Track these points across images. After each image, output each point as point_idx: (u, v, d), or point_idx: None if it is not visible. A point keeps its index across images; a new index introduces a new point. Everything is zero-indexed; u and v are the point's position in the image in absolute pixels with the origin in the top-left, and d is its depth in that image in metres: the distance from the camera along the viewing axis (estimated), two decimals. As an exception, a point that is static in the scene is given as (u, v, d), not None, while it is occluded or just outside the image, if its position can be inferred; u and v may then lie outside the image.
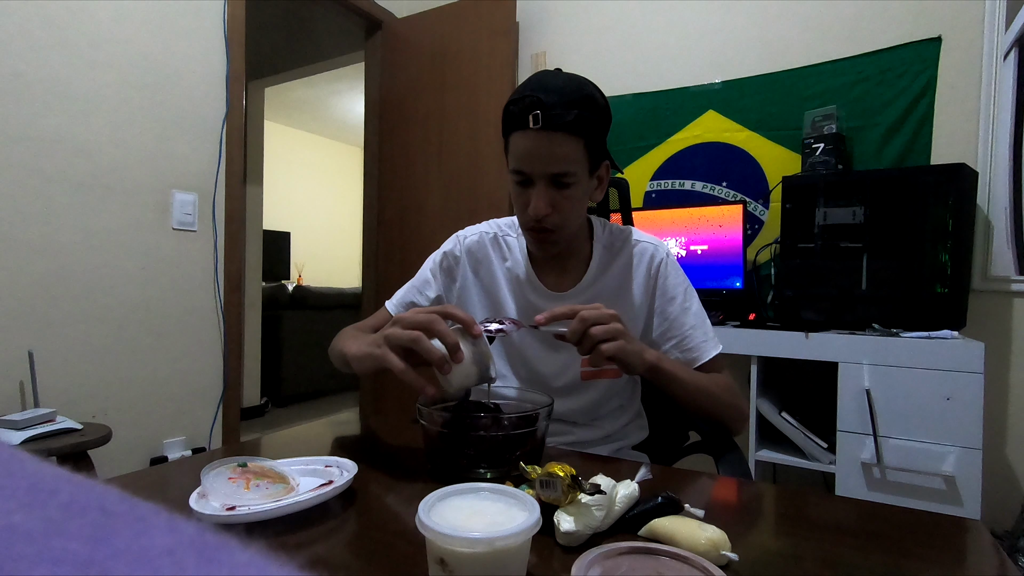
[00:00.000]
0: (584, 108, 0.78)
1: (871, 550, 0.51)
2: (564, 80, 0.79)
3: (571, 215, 0.84)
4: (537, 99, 0.76)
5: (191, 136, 1.95)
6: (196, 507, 0.53)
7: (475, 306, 0.96)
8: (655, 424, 1.04)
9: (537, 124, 0.76)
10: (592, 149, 0.81)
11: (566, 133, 0.77)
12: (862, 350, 1.56)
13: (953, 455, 1.44)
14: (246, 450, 0.83)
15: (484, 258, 0.97)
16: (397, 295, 1.01)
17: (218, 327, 2.05)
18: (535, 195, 0.81)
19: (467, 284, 0.97)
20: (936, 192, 1.61)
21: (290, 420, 3.57)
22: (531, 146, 0.78)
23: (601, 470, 0.60)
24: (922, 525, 0.56)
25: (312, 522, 0.54)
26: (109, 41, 1.72)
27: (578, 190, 0.82)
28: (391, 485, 0.66)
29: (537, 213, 0.81)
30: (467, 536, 0.39)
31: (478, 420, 0.68)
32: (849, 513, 0.61)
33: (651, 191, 2.33)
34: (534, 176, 0.80)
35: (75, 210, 1.66)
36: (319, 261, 5.99)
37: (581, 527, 0.49)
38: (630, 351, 0.72)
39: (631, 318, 0.92)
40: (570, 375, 0.91)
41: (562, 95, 0.76)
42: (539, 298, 0.93)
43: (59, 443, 1.33)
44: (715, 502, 0.63)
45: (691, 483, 0.68)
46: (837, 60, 1.99)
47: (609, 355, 0.71)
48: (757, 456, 1.72)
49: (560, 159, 0.78)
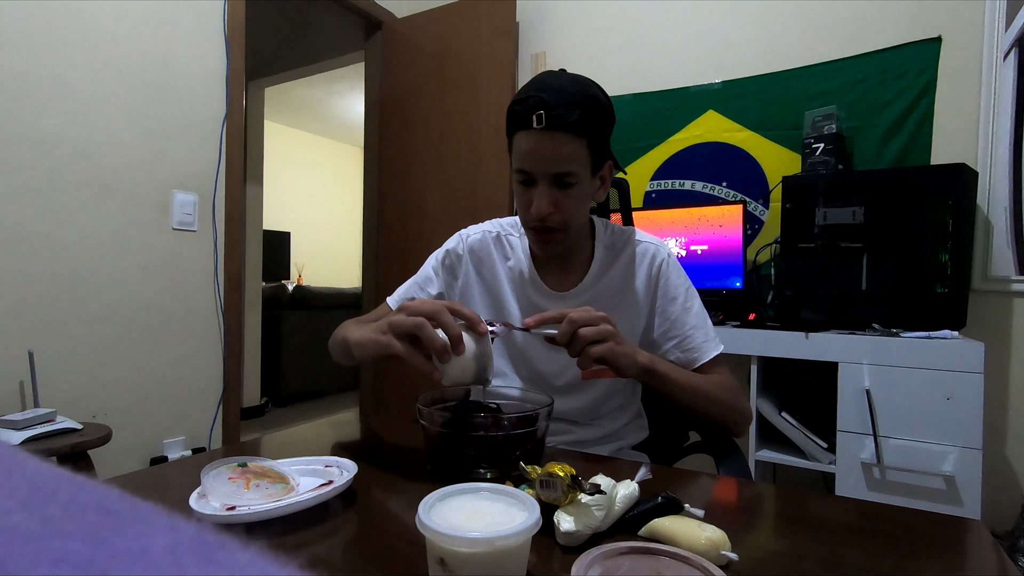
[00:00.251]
0: (588, 108, 0.78)
1: (871, 550, 0.51)
2: (568, 81, 0.80)
3: (573, 215, 0.84)
4: (541, 99, 0.76)
5: (191, 136, 1.95)
6: (196, 507, 0.53)
7: (477, 304, 0.97)
8: (655, 424, 1.04)
9: (541, 124, 0.77)
10: (595, 149, 0.81)
11: (569, 133, 0.77)
12: (862, 350, 1.56)
13: (953, 455, 1.44)
14: (246, 450, 0.83)
15: (486, 257, 0.97)
16: (398, 291, 1.01)
17: (218, 327, 2.05)
18: (538, 194, 0.81)
19: (469, 282, 0.97)
20: (936, 192, 1.61)
21: (290, 420, 3.57)
22: (534, 146, 0.79)
23: (601, 470, 0.60)
24: (922, 525, 0.56)
25: (312, 522, 0.54)
26: (109, 41, 1.72)
27: (581, 190, 0.82)
28: (391, 485, 0.66)
29: (540, 212, 0.81)
30: (467, 536, 0.39)
31: (478, 420, 0.68)
32: (849, 513, 0.61)
33: (651, 191, 2.33)
34: (537, 176, 0.81)
35: (75, 210, 1.66)
36: (319, 261, 5.99)
37: (581, 527, 0.49)
38: (620, 353, 0.72)
39: (632, 318, 0.92)
40: (571, 374, 0.91)
41: (566, 95, 0.77)
42: (541, 297, 0.93)
43: (59, 443, 1.33)
44: (715, 502, 0.63)
45: (691, 483, 0.68)
46: (837, 60, 1.99)
47: (598, 357, 0.71)
48: (757, 456, 1.72)
49: (563, 159, 0.79)
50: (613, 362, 0.72)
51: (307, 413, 3.74)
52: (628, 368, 0.74)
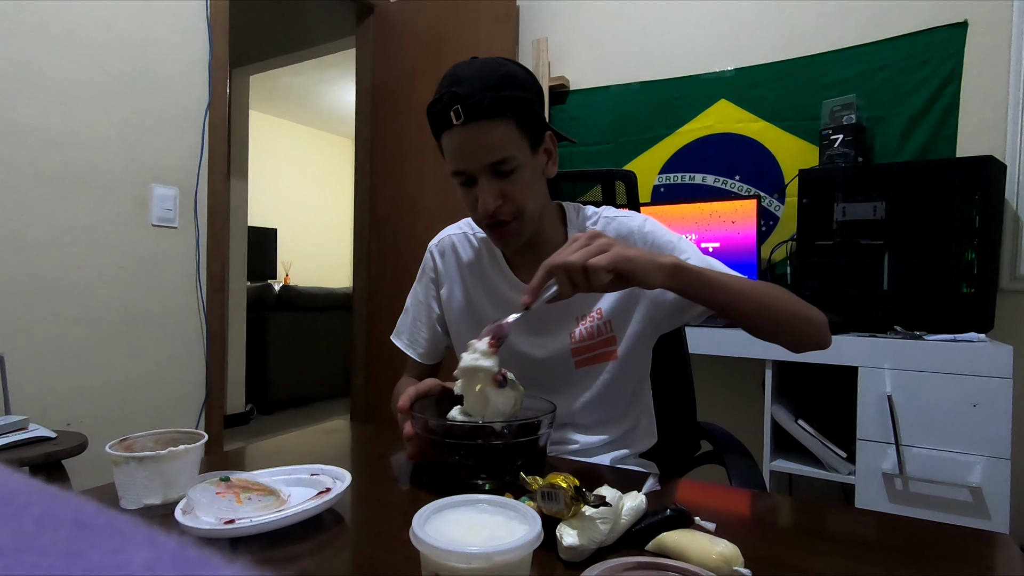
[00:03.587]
0: (504, 87, 0.78)
1: (893, 566, 0.51)
2: (478, 66, 0.80)
3: (527, 199, 0.83)
4: (453, 94, 0.77)
5: (171, 127, 1.95)
6: (187, 522, 0.53)
7: (460, 311, 0.98)
8: (664, 431, 1.04)
9: (460, 119, 0.77)
10: (526, 126, 0.81)
11: (492, 119, 0.77)
12: (883, 354, 1.56)
13: (980, 465, 1.44)
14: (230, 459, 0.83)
15: (457, 260, 0.99)
16: (404, 331, 1.05)
17: (200, 329, 2.05)
18: (480, 191, 0.81)
19: (452, 288, 0.99)
20: (962, 186, 1.61)
21: (277, 428, 3.57)
22: (461, 142, 0.79)
23: (606, 481, 0.60)
24: (947, 539, 0.56)
25: (300, 536, 0.54)
26: (84, 26, 1.72)
27: (524, 173, 0.82)
28: (384, 496, 0.66)
29: (487, 209, 0.81)
30: (464, 551, 0.39)
31: (476, 428, 0.68)
32: (869, 526, 0.61)
33: (660, 185, 2.33)
34: (474, 172, 0.81)
35: (48, 205, 1.66)
36: (307, 260, 5.99)
37: (585, 541, 0.49)
38: (633, 256, 0.66)
39: (622, 299, 0.90)
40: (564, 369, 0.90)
41: (479, 82, 0.77)
42: (516, 294, 0.93)
43: (32, 452, 1.33)
44: (727, 515, 0.63)
45: (701, 494, 0.68)
46: (857, 46, 1.99)
47: (609, 267, 0.65)
48: (772, 466, 1.72)
49: (493, 147, 0.79)
50: (628, 269, 0.66)
51: (295, 421, 3.74)
52: (652, 274, 0.67)
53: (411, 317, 1.04)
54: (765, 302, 0.77)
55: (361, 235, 2.86)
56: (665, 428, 1.05)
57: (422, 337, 1.03)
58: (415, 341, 1.03)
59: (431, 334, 1.02)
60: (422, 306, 1.03)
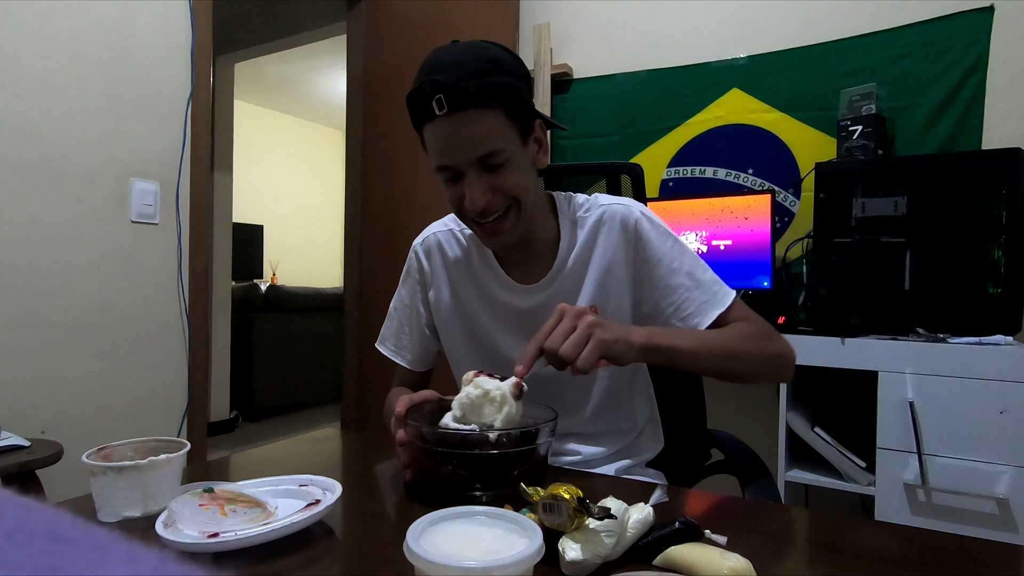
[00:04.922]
0: (490, 74, 0.76)
1: (914, 582, 0.51)
2: (461, 51, 0.79)
3: (520, 192, 0.82)
4: (436, 82, 0.75)
5: (152, 118, 1.95)
6: (169, 536, 0.53)
7: (450, 313, 0.97)
8: (672, 439, 1.04)
9: (443, 109, 0.75)
10: (515, 114, 0.80)
11: (479, 108, 0.76)
12: (905, 358, 1.56)
13: (1007, 475, 1.44)
14: (213, 469, 0.83)
15: (444, 259, 0.98)
16: (389, 337, 1.04)
17: (182, 332, 2.05)
18: (468, 186, 0.80)
19: (440, 290, 0.98)
20: (988, 180, 1.61)
21: (263, 436, 3.57)
22: (446, 135, 0.78)
23: (611, 492, 0.60)
24: (972, 554, 0.56)
25: (288, 550, 0.54)
26: (59, 10, 1.72)
27: (515, 164, 0.81)
28: (376, 508, 0.66)
29: (475, 206, 0.80)
30: (461, 566, 0.39)
31: (473, 436, 0.68)
32: (890, 540, 0.61)
33: (668, 179, 2.33)
34: (460, 166, 0.79)
35: (21, 201, 1.66)
36: (296, 258, 6.00)
37: (589, 555, 0.49)
38: (609, 341, 0.71)
39: (618, 294, 0.91)
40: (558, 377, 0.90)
41: (462, 68, 0.76)
42: (508, 294, 0.93)
43: (4, 462, 1.33)
44: (739, 528, 0.63)
45: (712, 506, 0.68)
46: (877, 32, 1.99)
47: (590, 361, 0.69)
48: (787, 477, 1.72)
49: (481, 139, 0.77)
50: (607, 353, 0.71)
51: (282, 428, 3.74)
52: (624, 354, 0.73)
53: (396, 322, 1.03)
54: (739, 354, 0.83)
55: (352, 232, 2.86)
56: (673, 436, 1.05)
57: (410, 343, 1.02)
58: (402, 347, 1.03)
59: (420, 339, 1.02)
60: (408, 310, 1.02)
